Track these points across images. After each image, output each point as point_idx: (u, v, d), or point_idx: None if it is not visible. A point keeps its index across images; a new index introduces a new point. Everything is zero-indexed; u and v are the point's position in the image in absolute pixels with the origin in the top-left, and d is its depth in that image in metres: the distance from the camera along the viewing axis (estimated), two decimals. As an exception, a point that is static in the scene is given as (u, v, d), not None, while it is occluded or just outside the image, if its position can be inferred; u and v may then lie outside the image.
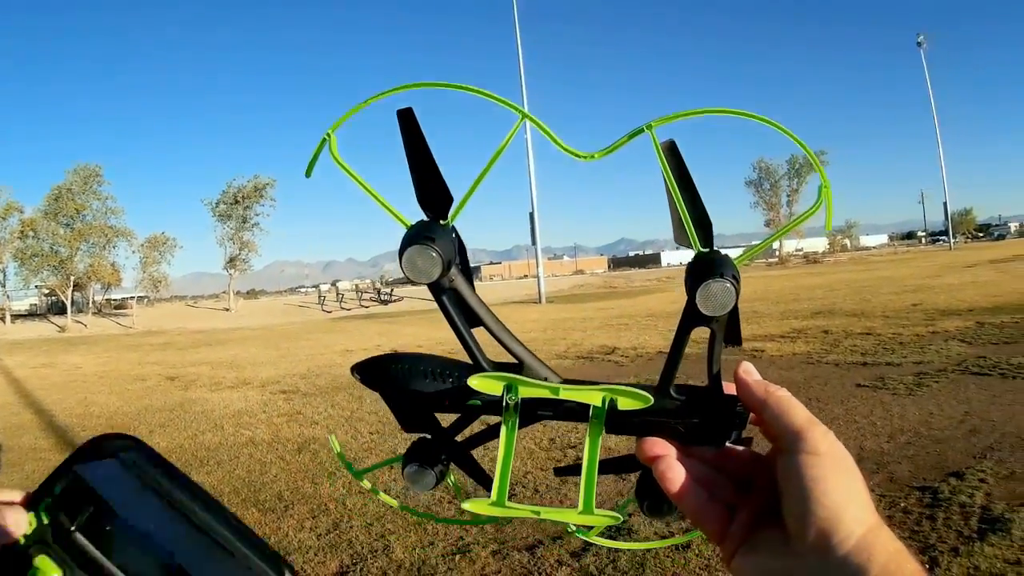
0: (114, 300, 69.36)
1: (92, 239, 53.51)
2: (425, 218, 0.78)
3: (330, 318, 44.05)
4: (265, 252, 61.56)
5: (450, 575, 4.57)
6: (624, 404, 0.73)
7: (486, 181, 0.77)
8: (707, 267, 0.70)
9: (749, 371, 0.73)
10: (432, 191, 0.78)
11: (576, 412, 0.75)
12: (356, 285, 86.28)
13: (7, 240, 52.13)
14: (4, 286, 54.45)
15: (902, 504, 5.04)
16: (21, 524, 0.66)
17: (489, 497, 0.76)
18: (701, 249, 0.72)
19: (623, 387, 0.73)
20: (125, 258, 59.30)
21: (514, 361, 0.80)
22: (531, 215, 42.97)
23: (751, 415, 0.72)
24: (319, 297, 64.74)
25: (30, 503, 0.68)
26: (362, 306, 53.55)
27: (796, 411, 0.67)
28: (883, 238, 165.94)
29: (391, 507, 5.94)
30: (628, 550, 4.55)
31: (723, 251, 0.72)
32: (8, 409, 13.04)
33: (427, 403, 0.81)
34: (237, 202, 57.43)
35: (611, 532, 4.93)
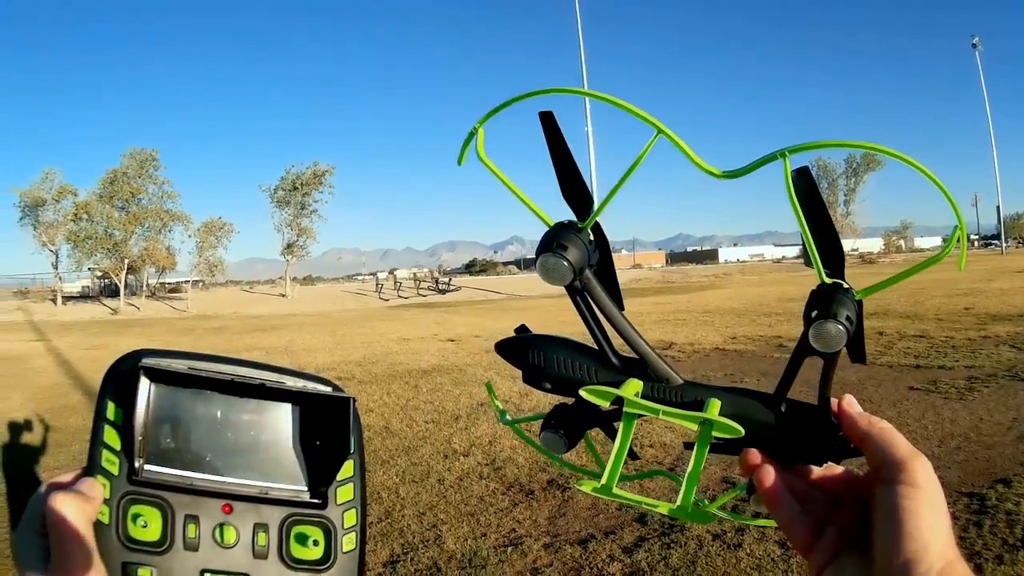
0: (168, 283, 70.66)
1: (147, 223, 54.50)
2: (566, 220, 0.85)
3: (387, 306, 44.44)
4: (322, 239, 62.35)
5: (501, 567, 4.64)
6: (718, 431, 0.79)
7: (547, 171, 0.83)
8: (826, 303, 0.74)
9: (852, 404, 0.78)
10: (573, 193, 0.86)
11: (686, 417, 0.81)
12: (414, 274, 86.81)
13: (60, 222, 53.46)
14: (56, 268, 55.89)
15: (950, 510, 4.99)
16: (95, 489, 0.72)
17: (599, 480, 0.85)
18: (826, 280, 0.76)
19: (720, 419, 0.79)
20: (181, 242, 60.22)
21: (637, 357, 0.88)
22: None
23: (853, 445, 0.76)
24: (376, 285, 65.18)
25: (90, 468, 0.74)
26: (420, 295, 53.95)
27: (898, 443, 0.72)
28: (937, 240, 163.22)
29: (439, 496, 6.06)
30: (680, 547, 4.58)
31: (781, 248, 0.73)
32: (57, 390, 13.35)
33: (557, 391, 0.89)
34: (296, 188, 58.07)
35: (664, 528, 4.97)
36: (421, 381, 12.03)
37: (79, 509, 0.69)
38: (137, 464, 0.74)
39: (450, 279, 66.63)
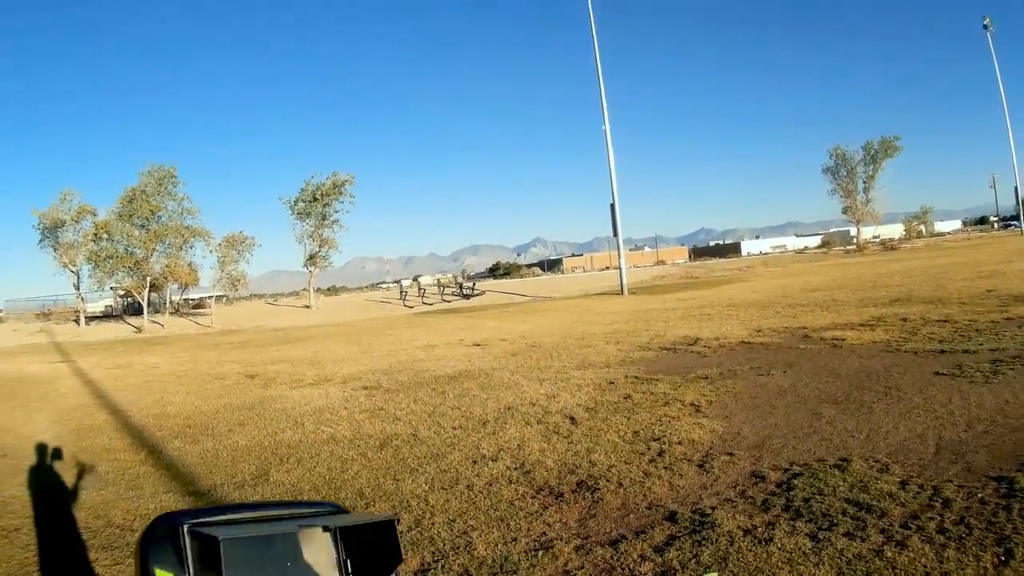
0: (192, 300, 71.09)
1: (168, 240, 54.82)
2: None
3: (412, 313, 44.63)
4: (345, 249, 62.43)
5: (532, 571, 4.66)
6: None
7: (568, 172, 0.83)
8: None
9: None
10: None
11: None
12: (438, 279, 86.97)
13: (80, 243, 53.92)
14: (78, 288, 56.39)
15: (979, 495, 5.04)
16: None
17: None
18: None
19: None
20: (202, 258, 60.42)
21: None
22: (612, 207, 43.69)
23: None
24: (400, 292, 65.32)
25: None
26: (444, 300, 54.02)
27: None
28: (956, 223, 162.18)
29: (469, 502, 6.10)
30: (711, 544, 4.60)
31: (802, 238, 0.73)
32: (83, 411, 13.43)
33: None
34: (316, 199, 58.21)
35: (695, 525, 4.99)
36: (448, 387, 12.09)
37: None
38: None
39: (474, 283, 66.71)
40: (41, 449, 9.77)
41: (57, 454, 9.54)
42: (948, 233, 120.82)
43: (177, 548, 0.76)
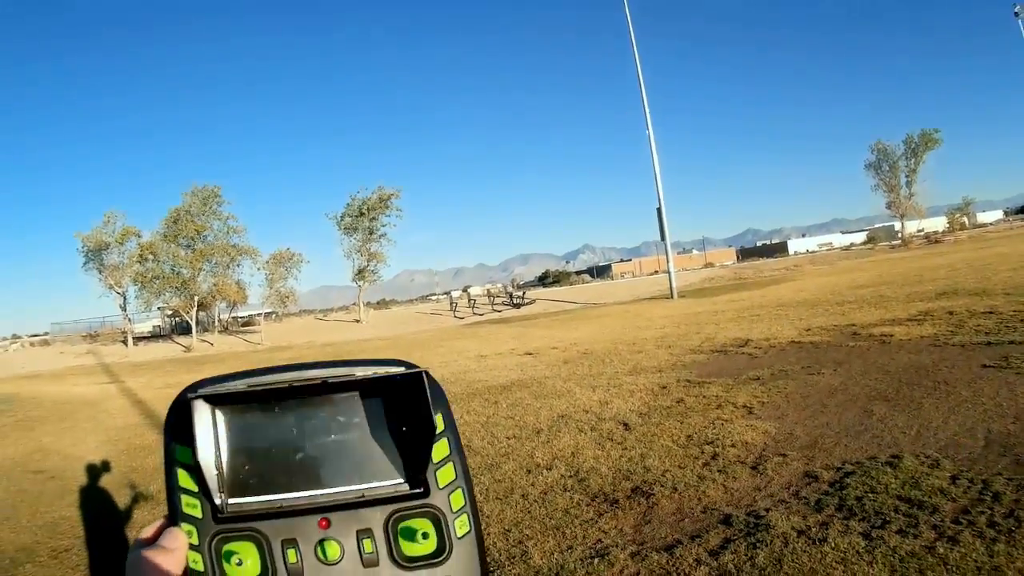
0: (240, 317, 71.91)
1: (215, 259, 55.46)
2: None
3: (462, 324, 44.74)
4: (394, 262, 62.52)
5: (589, 579, 4.73)
6: None
7: (614, 178, 0.84)
8: None
9: None
10: None
11: None
12: (487, 290, 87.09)
13: (126, 264, 54.85)
14: (125, 309, 57.37)
15: None
16: (176, 539, 0.76)
17: None
18: None
19: None
20: (250, 275, 60.79)
21: None
22: (659, 211, 43.81)
23: None
24: (451, 303, 65.51)
25: (172, 517, 0.78)
26: (494, 310, 54.08)
27: None
28: (998, 213, 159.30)
29: (524, 511, 6.19)
30: (766, 546, 4.66)
31: (848, 235, 0.76)
32: (132, 431, 13.60)
33: None
34: (362, 214, 58.46)
35: (749, 527, 5.05)
36: (501, 397, 12.19)
37: (158, 564, 0.73)
38: (219, 501, 0.77)
39: (524, 292, 66.76)
40: (91, 470, 9.95)
41: (107, 475, 9.71)
42: (990, 224, 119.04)
43: (188, 418, 0.77)
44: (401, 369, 0.82)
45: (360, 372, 0.81)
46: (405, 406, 0.81)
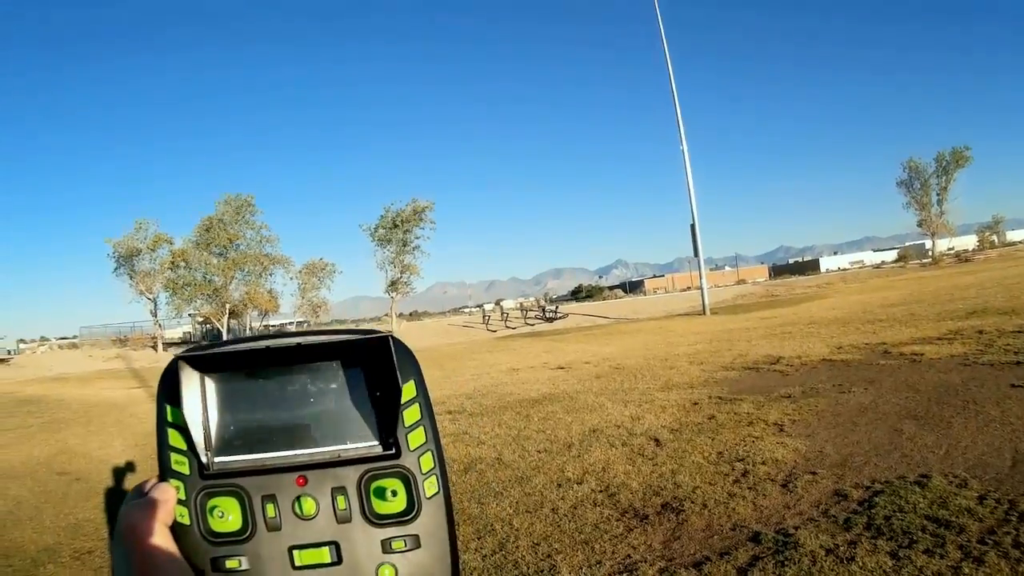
0: (272, 326, 72.19)
1: (247, 267, 55.90)
2: None
3: (495, 337, 44.73)
4: (427, 274, 62.59)
5: (617, 594, 4.79)
6: None
7: (648, 194, 0.91)
8: None
9: None
10: None
11: None
12: (520, 303, 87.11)
13: (157, 271, 55.50)
14: (155, 315, 57.94)
15: None
16: (165, 492, 0.83)
17: None
18: None
19: None
20: (283, 284, 61.05)
21: None
22: (692, 227, 43.77)
23: None
24: (483, 316, 65.42)
25: (162, 473, 0.85)
26: (527, 324, 54.05)
27: None
28: None
29: (553, 525, 6.26)
30: (794, 564, 4.71)
31: (879, 253, 0.79)
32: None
33: None
34: (396, 226, 58.52)
35: (778, 545, 5.10)
36: (532, 410, 12.24)
37: (148, 515, 0.79)
38: (206, 459, 0.84)
39: (557, 306, 66.68)
40: (117, 473, 10.09)
41: (132, 478, 9.83)
42: (1020, 242, 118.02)
43: (175, 381, 0.83)
44: (370, 336, 0.89)
45: (328, 338, 0.88)
46: (378, 373, 0.89)
